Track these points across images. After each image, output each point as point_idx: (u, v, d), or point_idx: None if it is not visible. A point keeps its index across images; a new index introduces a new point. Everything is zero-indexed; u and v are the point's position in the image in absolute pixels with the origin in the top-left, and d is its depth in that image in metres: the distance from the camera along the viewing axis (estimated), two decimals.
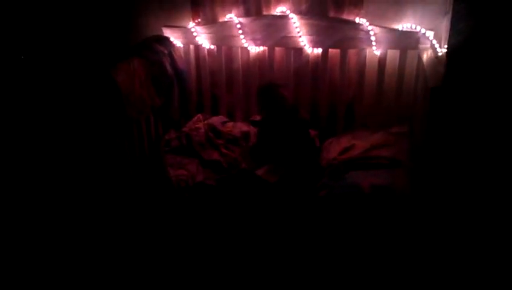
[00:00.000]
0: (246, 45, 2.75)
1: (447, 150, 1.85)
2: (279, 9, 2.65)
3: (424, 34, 2.38)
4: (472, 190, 1.85)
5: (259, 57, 2.78)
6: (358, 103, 2.66)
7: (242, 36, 2.72)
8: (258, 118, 2.73)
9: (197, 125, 2.76)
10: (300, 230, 2.12)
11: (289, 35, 2.64)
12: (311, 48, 2.65)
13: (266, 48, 2.74)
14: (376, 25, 2.47)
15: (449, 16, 1.91)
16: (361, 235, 2.02)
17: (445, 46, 1.99)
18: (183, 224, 2.25)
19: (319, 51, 2.64)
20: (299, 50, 2.66)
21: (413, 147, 2.28)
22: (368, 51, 2.55)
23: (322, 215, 2.10)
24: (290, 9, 2.62)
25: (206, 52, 2.85)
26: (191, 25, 2.82)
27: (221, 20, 2.78)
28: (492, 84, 1.73)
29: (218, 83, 2.89)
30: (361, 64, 2.58)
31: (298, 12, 2.60)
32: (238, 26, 2.70)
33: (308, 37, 2.61)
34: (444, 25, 2.25)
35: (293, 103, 2.72)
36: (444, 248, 1.90)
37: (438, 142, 1.86)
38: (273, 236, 2.15)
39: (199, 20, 2.83)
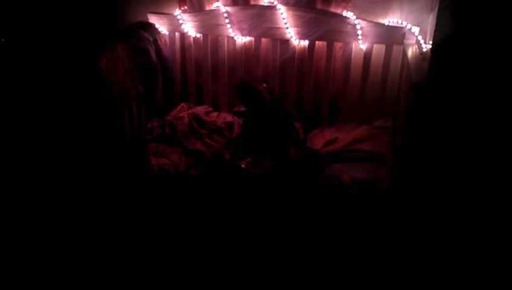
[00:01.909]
0: (232, 35, 2.73)
1: (428, 145, 1.87)
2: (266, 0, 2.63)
3: (410, 29, 2.40)
4: (452, 185, 1.87)
5: (246, 47, 2.76)
6: (343, 96, 2.68)
7: (229, 25, 2.70)
8: (242, 108, 2.73)
9: (180, 114, 2.74)
10: (284, 221, 2.14)
11: (276, 26, 2.63)
12: (297, 40, 2.64)
13: (253, 38, 2.72)
14: (363, 19, 2.48)
15: (435, 12, 1.93)
16: (343, 227, 2.05)
17: (430, 42, 2.01)
18: (164, 214, 2.24)
19: (306, 43, 2.64)
20: (286, 41, 2.66)
21: (395, 142, 2.30)
22: (354, 44, 2.56)
23: (305, 206, 2.12)
24: (277, 0, 2.59)
25: (191, 40, 2.82)
26: (177, 12, 2.78)
27: (208, 8, 2.75)
28: (476, 81, 1.76)
29: (204, 72, 2.87)
30: (347, 57, 2.59)
31: (286, 3, 2.59)
32: (225, 15, 2.67)
33: (295, 28, 2.60)
34: (430, 21, 2.26)
35: (278, 95, 2.71)
36: (425, 241, 1.93)
37: (419, 137, 1.88)
38: (255, 228, 2.16)
39: (185, 7, 2.79)
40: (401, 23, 2.43)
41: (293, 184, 2.21)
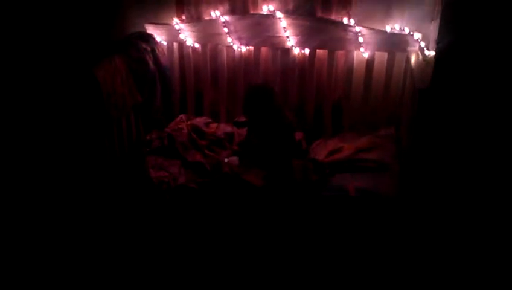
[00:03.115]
0: (231, 44, 2.75)
1: (434, 153, 1.88)
2: (265, 9, 2.66)
3: (413, 36, 2.41)
4: (459, 194, 1.87)
5: (245, 57, 2.78)
6: (346, 105, 2.68)
7: (228, 35, 2.72)
8: (242, 119, 2.73)
9: (180, 126, 2.74)
10: (288, 233, 2.14)
11: (276, 35, 2.64)
12: (298, 49, 2.66)
13: (252, 48, 2.74)
14: (364, 26, 2.50)
15: (436, 22, 1.95)
16: (348, 237, 2.05)
17: (434, 48, 2.03)
18: (164, 228, 2.23)
19: (306, 51, 2.65)
20: (286, 50, 2.67)
21: (400, 150, 2.31)
22: (355, 52, 2.57)
23: (310, 216, 2.12)
24: (277, 9, 2.62)
25: (190, 50, 2.83)
26: (174, 21, 2.80)
27: (206, 18, 2.77)
28: (480, 86, 1.77)
29: (203, 82, 2.88)
30: (349, 65, 2.60)
31: (285, 11, 2.61)
32: (224, 24, 2.69)
33: (295, 37, 2.62)
34: (432, 28, 2.28)
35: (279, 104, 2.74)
36: (432, 253, 1.93)
37: (424, 144, 1.89)
38: (258, 240, 2.16)
39: (184, 17, 2.82)
40: (403, 30, 2.46)
41: (296, 196, 2.21)
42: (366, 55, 2.55)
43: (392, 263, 1.96)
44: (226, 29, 2.70)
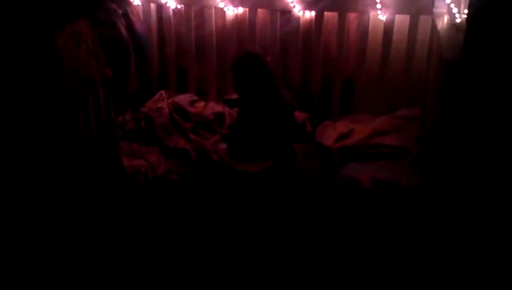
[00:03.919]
0: (221, 5, 2.73)
1: (463, 138, 1.88)
2: None
3: None
4: (492, 186, 1.88)
5: (238, 21, 2.77)
6: (359, 80, 2.69)
7: None
8: (235, 96, 2.74)
9: (159, 105, 2.74)
10: (289, 229, 2.16)
11: None
12: (301, 11, 2.64)
13: (246, 9, 2.72)
14: None
15: None
16: (361, 236, 2.06)
17: (466, 10, 2.01)
18: (140, 225, 2.25)
19: (312, 14, 2.64)
20: (288, 13, 2.66)
21: (424, 134, 2.31)
22: (371, 15, 2.56)
23: (316, 212, 2.14)
24: None
25: (171, 12, 2.82)
26: None
27: None
28: None
29: (187, 52, 2.88)
30: (363, 31, 2.59)
31: None
32: None
33: None
34: None
35: (278, 79, 2.73)
36: (453, 251, 1.95)
37: (452, 128, 1.89)
38: (253, 241, 2.17)
39: None
40: None
41: (298, 187, 2.22)
42: (383, 18, 2.54)
43: (410, 266, 1.98)
44: None
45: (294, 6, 2.63)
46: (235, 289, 2.02)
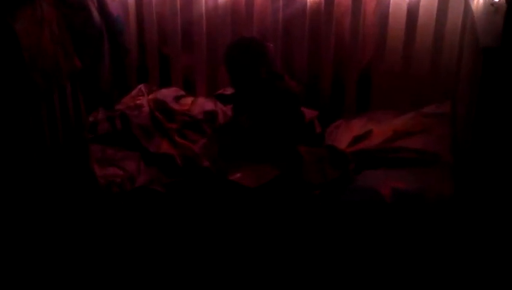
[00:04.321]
0: None
1: (505, 138, 1.88)
2: None
3: None
4: None
5: (232, 1, 2.78)
6: (377, 72, 2.70)
7: None
8: (229, 91, 2.75)
9: (138, 102, 2.74)
10: (295, 251, 2.15)
11: None
12: None
13: None
14: None
15: None
16: (381, 261, 2.05)
17: None
18: (115, 246, 2.24)
19: None
20: None
21: (456, 135, 2.32)
22: None
23: (326, 231, 2.13)
24: None
25: None
26: None
27: None
28: None
29: (171, 38, 2.89)
30: (383, 14, 2.61)
31: None
32: None
33: None
34: None
35: (280, 71, 2.73)
36: (493, 277, 1.94)
37: (491, 126, 1.89)
38: (252, 263, 2.17)
39: None
40: None
41: (305, 201, 2.21)
42: None
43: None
44: None
45: None
46: None
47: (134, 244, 2.26)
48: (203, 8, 2.81)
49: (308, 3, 2.69)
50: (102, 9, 2.74)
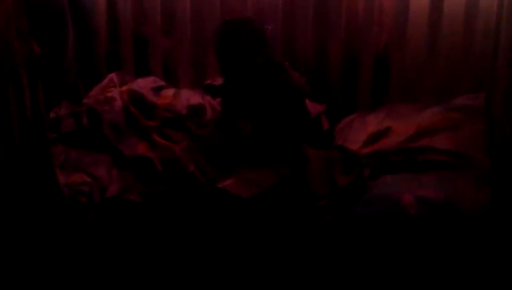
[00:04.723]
0: None
1: None
2: None
3: None
4: None
5: None
6: (396, 57, 2.71)
7: None
8: (218, 81, 2.74)
9: (109, 94, 2.74)
10: (298, 273, 2.15)
11: None
12: None
13: None
14: None
15: None
16: (403, 285, 2.05)
17: None
18: (83, 264, 2.24)
19: None
20: None
21: (493, 132, 2.33)
22: None
23: (333, 251, 2.12)
24: None
25: None
26: None
27: None
28: None
29: (148, 18, 2.90)
30: None
31: None
32: None
33: None
34: None
35: (280, 54, 2.75)
36: None
37: None
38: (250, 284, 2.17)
39: None
40: None
41: (311, 213, 2.20)
42: None
43: None
44: None
45: None
46: None
47: (106, 264, 2.25)
48: None
49: None
50: None
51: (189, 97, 2.74)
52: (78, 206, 2.29)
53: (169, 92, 2.80)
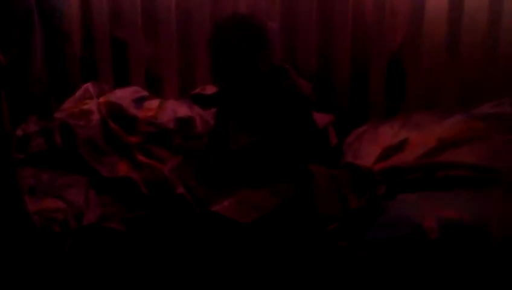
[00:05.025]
0: None
1: None
2: None
3: None
4: None
5: None
6: (412, 60, 2.73)
7: None
8: (209, 90, 2.78)
9: (84, 107, 2.75)
10: None
11: None
12: None
13: None
14: None
15: None
16: None
17: None
18: None
19: None
20: None
21: None
22: None
23: (344, 282, 2.11)
24: None
25: None
26: None
27: None
28: None
29: (128, 19, 2.92)
30: None
31: None
32: None
33: None
34: None
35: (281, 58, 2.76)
36: None
37: None
38: None
39: None
40: None
41: (319, 238, 2.21)
42: None
43: None
44: None
45: None
46: None
47: None
48: None
49: None
50: None
51: (176, 109, 2.76)
52: (52, 237, 2.27)
53: (153, 103, 2.82)
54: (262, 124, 2.46)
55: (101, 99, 2.78)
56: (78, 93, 2.85)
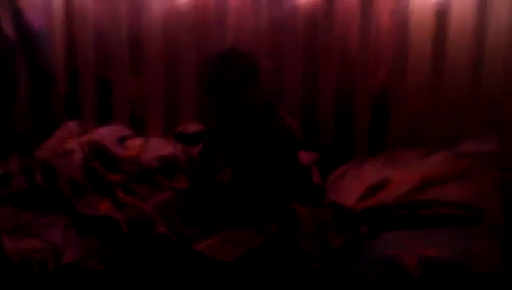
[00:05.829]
0: None
1: None
2: None
3: None
4: None
5: (197, 5, 2.83)
6: (396, 96, 2.74)
7: None
8: (193, 128, 2.79)
9: (67, 146, 2.76)
10: None
11: None
12: None
13: None
14: None
15: None
16: None
17: None
18: None
19: None
20: None
21: (508, 182, 2.33)
22: None
23: None
24: None
25: None
26: None
27: None
28: None
29: (113, 57, 2.95)
30: (402, 20, 2.66)
31: None
32: None
33: None
34: None
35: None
36: None
37: None
38: None
39: None
40: None
41: (302, 278, 2.20)
42: None
43: None
44: None
45: None
46: None
47: None
48: (158, 13, 2.87)
49: (302, 8, 2.76)
50: (18, 19, 2.79)
51: (159, 147, 2.77)
52: (30, 277, 2.27)
53: (136, 141, 2.83)
54: (247, 161, 2.47)
55: (84, 138, 2.79)
56: (61, 131, 2.86)
